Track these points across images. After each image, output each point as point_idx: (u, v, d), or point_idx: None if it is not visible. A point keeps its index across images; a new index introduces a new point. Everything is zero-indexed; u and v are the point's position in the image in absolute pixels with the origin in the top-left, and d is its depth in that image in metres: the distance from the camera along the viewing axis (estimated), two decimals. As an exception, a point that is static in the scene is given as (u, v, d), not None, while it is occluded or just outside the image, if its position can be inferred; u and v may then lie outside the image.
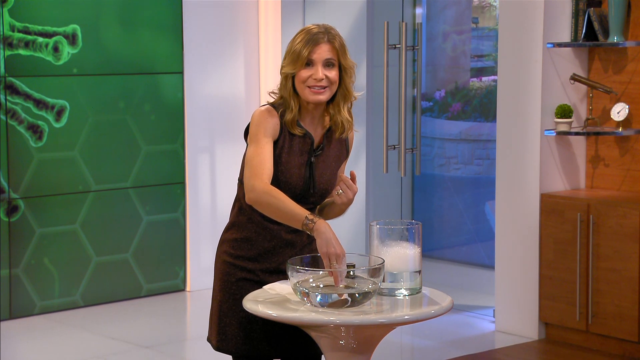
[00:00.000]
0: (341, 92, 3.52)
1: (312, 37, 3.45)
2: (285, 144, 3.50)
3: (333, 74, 3.47)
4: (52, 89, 6.70)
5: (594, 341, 5.89)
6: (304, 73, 3.45)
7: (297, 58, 3.44)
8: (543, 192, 6.07)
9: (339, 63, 3.49)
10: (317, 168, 3.54)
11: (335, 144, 3.60)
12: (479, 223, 8.23)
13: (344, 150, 3.63)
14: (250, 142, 3.48)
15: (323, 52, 3.45)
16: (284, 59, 3.50)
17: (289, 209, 3.35)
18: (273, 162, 3.47)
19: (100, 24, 6.89)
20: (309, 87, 3.45)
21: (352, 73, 3.51)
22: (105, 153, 6.95)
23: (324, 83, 3.45)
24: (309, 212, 3.34)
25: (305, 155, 3.52)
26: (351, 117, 3.57)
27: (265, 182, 3.40)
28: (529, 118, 6.09)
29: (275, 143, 3.49)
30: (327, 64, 3.46)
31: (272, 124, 3.48)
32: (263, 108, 3.51)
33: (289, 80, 3.49)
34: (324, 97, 3.48)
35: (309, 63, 3.45)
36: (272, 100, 3.56)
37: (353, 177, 3.51)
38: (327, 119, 3.57)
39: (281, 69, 3.50)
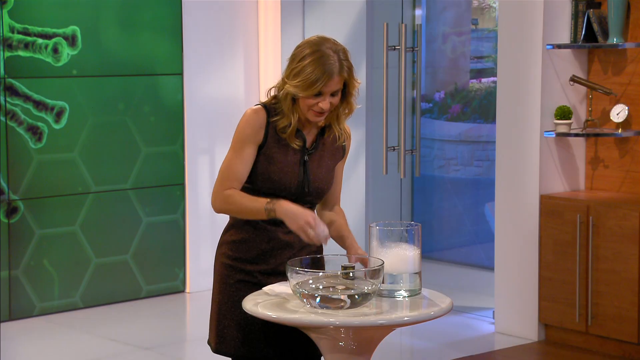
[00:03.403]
0: (343, 107, 3.55)
1: (327, 70, 3.40)
2: (276, 143, 3.51)
3: (336, 99, 3.49)
4: (52, 91, 6.70)
5: (594, 342, 5.89)
6: (311, 100, 3.45)
7: (307, 87, 3.41)
8: (543, 193, 6.07)
9: (344, 84, 3.50)
10: (311, 167, 3.55)
11: (330, 142, 3.61)
12: (478, 224, 8.23)
13: (340, 148, 3.64)
14: (232, 146, 3.52)
15: (334, 85, 3.44)
16: (291, 74, 3.45)
17: (247, 206, 3.44)
18: (266, 162, 3.50)
19: (100, 25, 6.89)
20: (312, 110, 3.46)
21: (355, 91, 3.53)
22: (105, 154, 6.95)
23: (327, 110, 3.47)
24: (267, 200, 3.40)
25: (298, 154, 3.54)
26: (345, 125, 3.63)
27: (223, 192, 3.47)
28: (528, 119, 6.09)
29: (265, 144, 3.50)
30: (334, 93, 3.47)
31: (257, 129, 3.49)
32: (251, 110, 3.53)
33: (290, 94, 3.48)
34: (324, 118, 3.51)
35: (318, 93, 3.45)
36: (271, 96, 3.58)
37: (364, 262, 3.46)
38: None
39: (285, 83, 3.47)
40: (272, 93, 3.55)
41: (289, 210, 3.39)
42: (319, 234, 3.36)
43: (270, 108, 3.52)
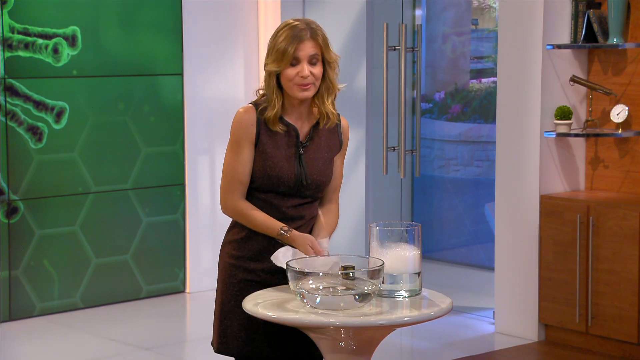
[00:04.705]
0: (325, 85, 3.57)
1: (296, 35, 3.48)
2: (269, 139, 3.53)
3: (318, 70, 3.52)
4: (52, 91, 6.70)
5: (594, 343, 5.89)
6: (291, 71, 3.49)
7: (282, 56, 3.48)
8: (543, 193, 6.07)
9: (322, 57, 3.52)
10: (306, 159, 3.56)
11: (325, 134, 3.62)
12: (478, 224, 8.23)
13: (336, 140, 3.65)
14: (229, 147, 3.57)
15: (308, 48, 3.49)
16: (268, 55, 3.53)
17: (259, 224, 3.53)
18: (261, 158, 3.52)
19: (100, 26, 6.89)
20: (296, 84, 3.49)
21: (335, 66, 3.58)
22: (105, 155, 6.95)
23: (310, 80, 3.50)
24: (281, 226, 3.50)
25: (292, 148, 3.56)
26: (334, 108, 3.63)
27: (236, 199, 3.54)
28: (528, 119, 6.09)
29: (258, 141, 3.52)
30: (312, 61, 3.49)
31: (249, 128, 3.53)
32: (242, 110, 3.57)
33: (272, 77, 3.53)
34: (311, 93, 3.54)
35: (294, 61, 3.48)
36: (260, 94, 3.62)
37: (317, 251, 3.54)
38: (315, 110, 3.60)
39: (265, 66, 3.54)
40: (262, 92, 3.59)
41: (297, 235, 3.50)
42: (319, 251, 3.48)
43: (260, 104, 3.55)
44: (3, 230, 6.54)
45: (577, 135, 6.01)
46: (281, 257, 3.47)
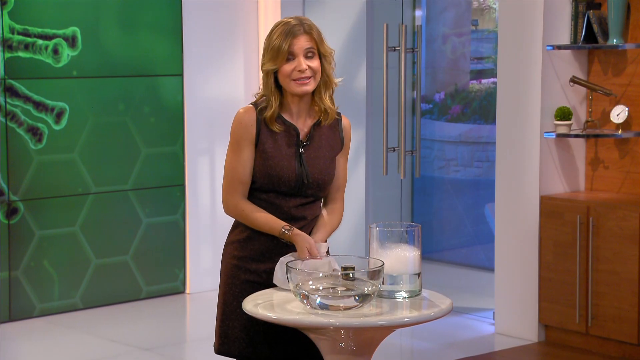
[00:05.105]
0: (322, 80, 3.58)
1: (290, 30, 3.49)
2: (269, 138, 3.54)
3: (315, 63, 3.52)
4: (52, 91, 6.70)
5: (594, 343, 5.89)
6: (287, 67, 3.50)
7: (277, 53, 3.49)
8: (543, 194, 6.07)
9: (318, 52, 3.52)
10: (307, 158, 3.56)
11: (327, 133, 3.62)
12: (478, 225, 8.23)
13: (338, 139, 3.65)
14: (229, 148, 3.58)
15: (302, 43, 3.50)
16: (264, 55, 3.54)
17: (261, 225, 3.53)
18: (261, 158, 3.53)
19: (100, 26, 6.89)
20: (294, 80, 3.49)
21: (331, 60, 3.58)
22: (105, 155, 6.95)
23: (308, 74, 3.51)
24: (283, 224, 3.50)
25: (293, 147, 3.56)
26: (333, 103, 3.62)
27: (238, 199, 3.55)
28: (528, 120, 6.09)
29: (258, 141, 3.53)
30: (308, 55, 3.50)
31: (248, 128, 3.53)
32: (242, 110, 3.58)
33: (270, 76, 3.54)
34: (310, 87, 3.54)
35: (290, 57, 3.48)
36: (259, 94, 3.63)
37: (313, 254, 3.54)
38: (316, 109, 3.60)
39: (262, 66, 3.55)
40: (260, 93, 3.61)
41: (298, 234, 3.49)
42: (315, 254, 3.48)
43: (260, 104, 3.56)
44: (3, 231, 6.54)
45: (577, 136, 6.01)
46: (280, 276, 3.48)
